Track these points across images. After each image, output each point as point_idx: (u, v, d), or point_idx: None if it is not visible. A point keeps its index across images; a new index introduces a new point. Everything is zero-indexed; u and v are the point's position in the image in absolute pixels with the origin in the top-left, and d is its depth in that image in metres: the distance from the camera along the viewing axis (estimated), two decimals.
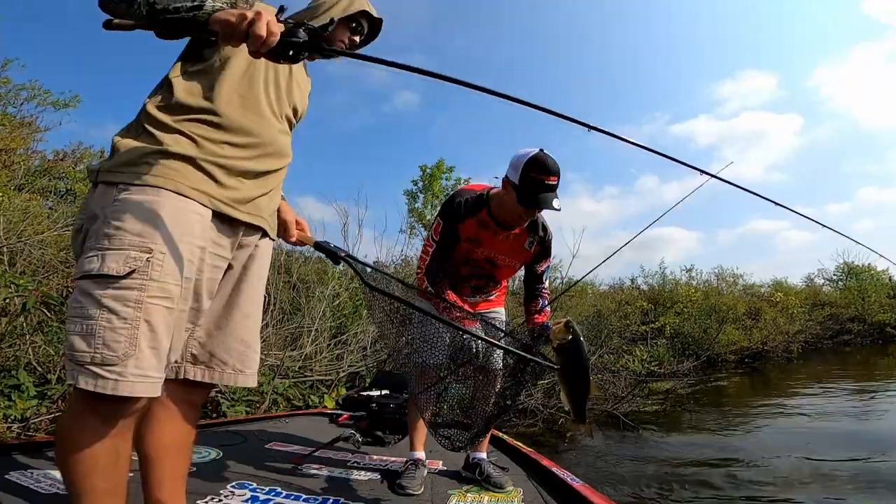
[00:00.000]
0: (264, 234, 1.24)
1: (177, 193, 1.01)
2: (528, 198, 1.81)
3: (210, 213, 1.06)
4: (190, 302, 1.06)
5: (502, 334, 1.94)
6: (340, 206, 7.60)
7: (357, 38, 1.41)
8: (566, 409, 1.58)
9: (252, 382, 1.24)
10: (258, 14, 0.88)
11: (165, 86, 1.10)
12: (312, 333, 5.43)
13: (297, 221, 1.56)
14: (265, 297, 1.34)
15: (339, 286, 6.33)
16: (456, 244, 1.98)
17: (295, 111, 1.32)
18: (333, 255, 1.58)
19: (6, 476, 1.63)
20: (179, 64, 1.12)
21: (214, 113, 1.09)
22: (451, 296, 1.90)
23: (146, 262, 0.94)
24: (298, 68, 1.31)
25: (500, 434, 2.71)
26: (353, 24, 1.38)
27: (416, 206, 11.44)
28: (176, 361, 1.12)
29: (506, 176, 1.89)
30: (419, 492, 1.83)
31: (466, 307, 1.90)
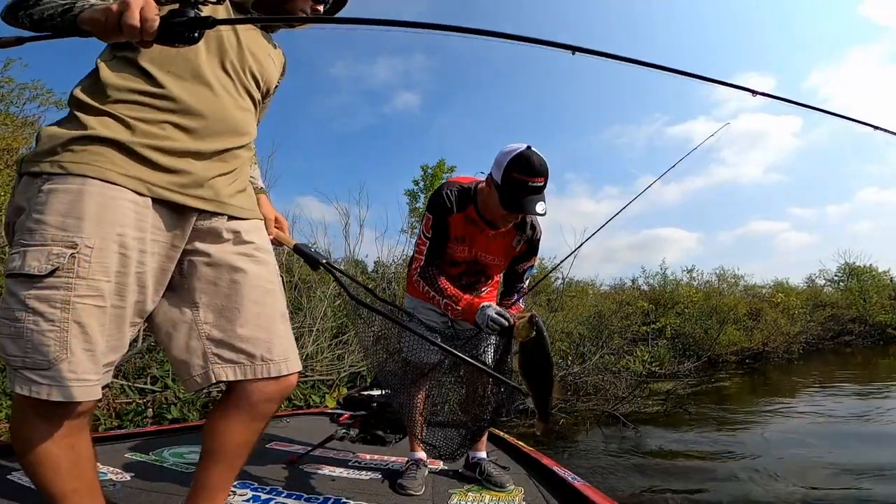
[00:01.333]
0: (233, 216, 1.14)
1: (104, 181, 0.93)
2: (510, 200, 1.68)
3: (149, 200, 0.98)
4: (135, 296, 0.98)
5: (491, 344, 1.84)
6: (341, 206, 7.63)
7: (321, 7, 1.28)
8: (531, 407, 1.55)
9: (292, 367, 1.14)
10: (124, 4, 0.82)
11: (94, 69, 1.02)
12: (314, 333, 5.43)
13: (276, 219, 1.44)
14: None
15: (339, 286, 6.32)
16: (448, 240, 1.88)
17: (257, 83, 1.20)
18: (313, 260, 1.47)
19: (8, 476, 1.63)
20: (108, 48, 1.04)
21: (148, 93, 0.99)
22: (456, 292, 1.81)
23: (71, 259, 0.87)
24: (251, 38, 1.18)
25: (501, 433, 2.71)
26: None
27: (417, 206, 11.44)
28: (202, 367, 1.07)
29: (490, 174, 1.77)
30: (420, 492, 1.83)
31: (465, 298, 1.80)
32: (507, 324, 1.64)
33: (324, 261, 1.45)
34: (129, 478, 1.76)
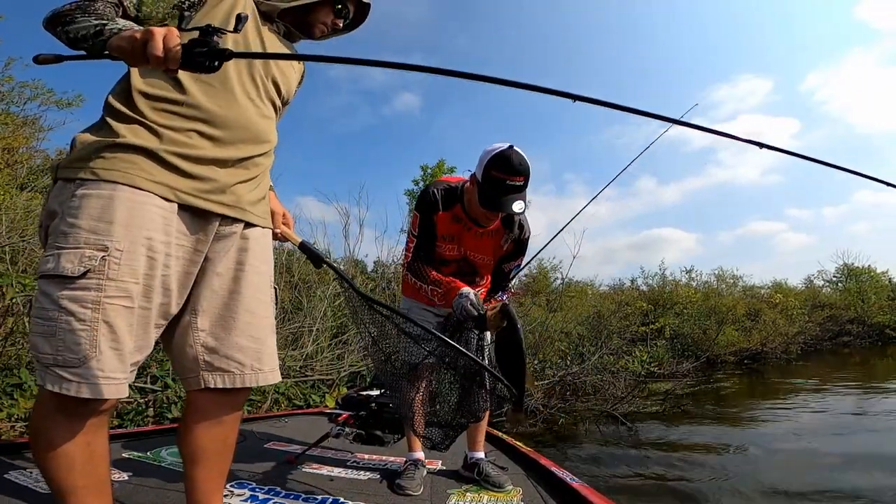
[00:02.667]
0: (250, 223, 1.18)
1: (134, 187, 0.97)
2: (487, 198, 1.70)
3: (175, 206, 1.02)
4: (160, 298, 1.01)
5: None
6: (341, 206, 7.62)
7: (340, 22, 1.32)
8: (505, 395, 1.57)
9: (273, 379, 1.20)
10: (148, 33, 0.86)
11: (125, 76, 1.06)
12: (314, 333, 5.44)
13: (283, 215, 1.46)
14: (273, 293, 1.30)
15: (340, 286, 6.32)
16: (436, 237, 1.90)
17: (278, 90, 1.24)
18: (317, 258, 1.49)
19: (6, 475, 1.63)
20: None
21: (176, 102, 1.04)
22: (434, 274, 1.84)
23: (102, 261, 0.91)
24: (275, 47, 1.23)
25: (499, 433, 2.71)
26: (338, 6, 1.29)
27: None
28: (192, 371, 1.11)
29: (474, 172, 1.79)
30: (418, 492, 1.83)
31: (445, 280, 1.82)
32: (475, 313, 1.66)
33: (327, 259, 1.48)
34: (126, 477, 1.76)
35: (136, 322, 0.97)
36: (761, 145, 0.96)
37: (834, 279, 21.03)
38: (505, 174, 1.67)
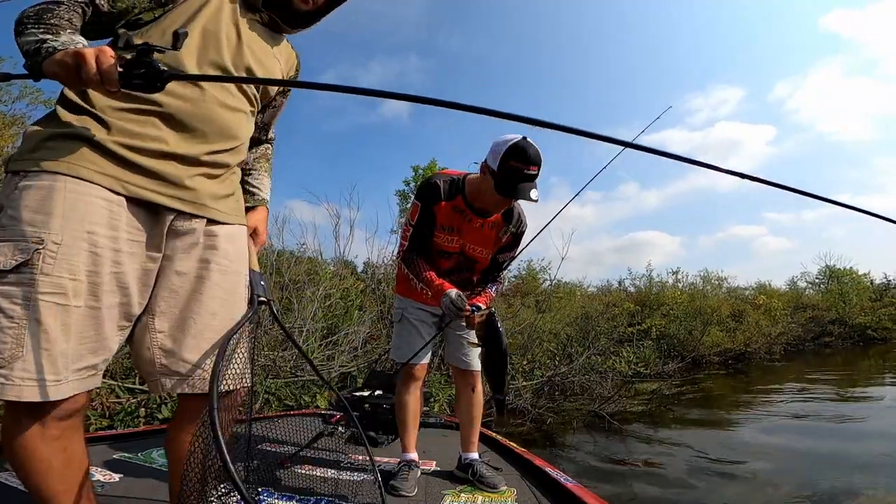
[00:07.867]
0: (215, 220, 1.10)
1: (77, 178, 0.92)
2: (505, 187, 1.75)
3: (123, 199, 0.96)
4: (116, 297, 0.96)
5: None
6: (332, 207, 7.57)
7: None
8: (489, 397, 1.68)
9: (234, 384, 1.07)
10: (79, 56, 0.82)
11: None
12: (304, 334, 5.41)
13: (255, 230, 1.33)
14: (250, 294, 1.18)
15: (330, 287, 6.31)
16: (433, 228, 1.94)
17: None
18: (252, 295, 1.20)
19: None
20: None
21: (130, 94, 0.95)
22: (432, 275, 1.88)
23: (36, 255, 0.86)
24: (252, 36, 1.15)
25: (494, 434, 2.73)
26: None
27: (408, 205, 11.37)
28: (151, 374, 1.04)
29: (485, 161, 1.84)
30: (412, 493, 1.83)
31: (436, 281, 1.87)
32: (459, 312, 1.78)
33: (263, 299, 1.22)
34: (117, 479, 1.74)
35: (77, 322, 0.90)
36: (712, 168, 0.91)
37: (817, 281, 21.41)
38: (522, 164, 1.73)
